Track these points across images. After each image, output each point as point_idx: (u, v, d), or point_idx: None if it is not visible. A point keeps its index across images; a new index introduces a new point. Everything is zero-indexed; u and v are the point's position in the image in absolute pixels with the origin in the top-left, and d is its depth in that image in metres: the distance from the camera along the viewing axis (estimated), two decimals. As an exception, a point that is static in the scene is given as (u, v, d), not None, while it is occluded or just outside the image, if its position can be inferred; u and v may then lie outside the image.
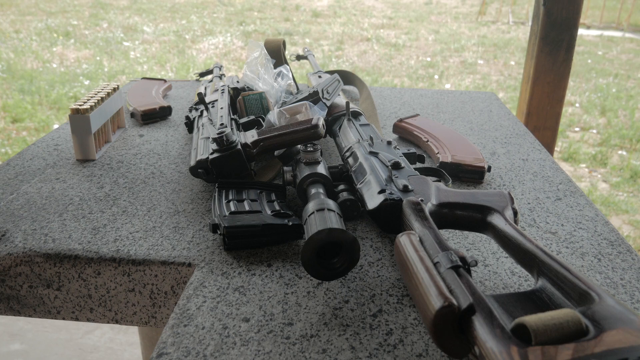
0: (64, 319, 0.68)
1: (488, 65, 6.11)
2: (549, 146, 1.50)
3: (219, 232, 0.65)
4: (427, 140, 0.95)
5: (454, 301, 0.43)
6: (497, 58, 6.37)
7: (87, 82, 4.55)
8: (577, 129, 4.02)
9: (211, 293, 0.58)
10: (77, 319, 0.68)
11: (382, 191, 0.64)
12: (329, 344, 0.51)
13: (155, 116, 1.07)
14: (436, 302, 0.43)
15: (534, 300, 0.48)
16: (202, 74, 1.34)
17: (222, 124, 0.81)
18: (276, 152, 0.83)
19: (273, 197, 0.73)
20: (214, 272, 0.62)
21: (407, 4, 10.81)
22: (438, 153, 0.89)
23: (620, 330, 0.38)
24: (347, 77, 1.34)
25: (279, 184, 0.76)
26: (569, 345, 0.38)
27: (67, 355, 1.72)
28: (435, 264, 0.49)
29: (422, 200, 0.60)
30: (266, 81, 0.96)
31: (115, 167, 0.87)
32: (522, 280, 0.62)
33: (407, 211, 0.59)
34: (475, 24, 8.57)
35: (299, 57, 1.42)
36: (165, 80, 1.27)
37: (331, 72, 1.34)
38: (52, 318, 0.68)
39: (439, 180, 0.72)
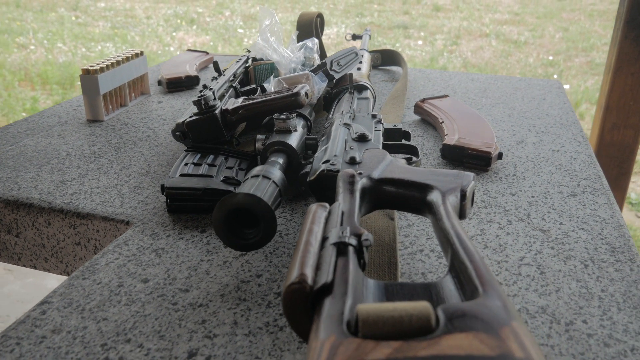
0: (24, 265, 0.70)
1: (618, 66, 5.53)
2: (630, 147, 1.29)
3: (164, 193, 0.63)
4: (442, 122, 0.85)
5: (308, 278, 0.37)
6: (630, 58, 5.74)
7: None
8: None
9: (128, 252, 0.56)
10: (35, 267, 0.69)
11: (326, 162, 0.58)
12: (212, 315, 0.47)
13: (181, 85, 1.08)
14: (291, 277, 0.38)
15: (432, 293, 0.40)
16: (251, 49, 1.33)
17: (209, 88, 0.79)
18: (264, 122, 0.79)
19: (238, 165, 0.69)
20: (144, 232, 0.59)
21: (538, 0, 10.14)
22: (446, 135, 0.80)
23: (471, 334, 0.30)
24: (393, 57, 1.26)
25: (251, 153, 0.72)
26: (393, 343, 0.30)
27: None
28: (324, 239, 0.42)
29: (360, 174, 0.53)
30: (276, 51, 0.92)
31: (117, 129, 0.89)
32: (475, 277, 0.52)
33: (339, 183, 0.52)
34: (611, 23, 7.81)
35: (354, 37, 1.36)
36: (207, 53, 1.27)
37: (380, 51, 1.27)
38: (14, 264, 0.70)
39: (410, 158, 0.64)
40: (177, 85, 1.08)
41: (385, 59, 1.27)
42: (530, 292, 0.51)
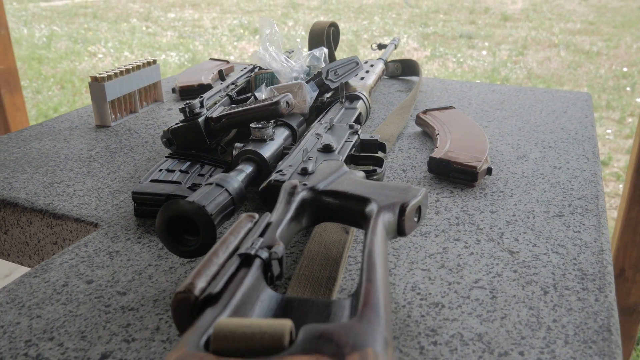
0: (13, 261, 0.73)
1: (702, 79, 5.16)
2: (672, 166, 1.19)
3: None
4: (438, 134, 0.82)
5: (195, 288, 0.37)
6: None
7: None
8: None
9: (85, 253, 0.57)
10: (21, 264, 0.73)
11: (279, 171, 0.57)
12: (138, 320, 0.47)
13: (193, 93, 1.10)
14: (181, 285, 0.37)
15: (330, 312, 0.38)
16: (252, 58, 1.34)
17: (200, 96, 0.80)
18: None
19: (212, 172, 0.70)
20: (107, 234, 0.61)
21: (616, 8, 9.62)
22: (437, 147, 0.77)
23: (314, 357, 0.29)
24: (413, 68, 1.23)
25: (230, 161, 0.73)
26: (232, 359, 0.29)
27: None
28: (235, 249, 0.42)
29: (304, 185, 0.52)
30: (276, 60, 0.92)
31: (120, 134, 0.92)
32: (419, 298, 0.50)
33: (280, 193, 0.51)
34: (697, 31, 7.30)
35: (380, 46, 1.35)
36: (228, 62, 1.30)
37: (400, 61, 1.25)
38: (5, 259, 0.74)
39: (374, 170, 0.62)
40: (189, 93, 1.10)
41: (405, 69, 1.24)
42: (473, 318, 0.47)
